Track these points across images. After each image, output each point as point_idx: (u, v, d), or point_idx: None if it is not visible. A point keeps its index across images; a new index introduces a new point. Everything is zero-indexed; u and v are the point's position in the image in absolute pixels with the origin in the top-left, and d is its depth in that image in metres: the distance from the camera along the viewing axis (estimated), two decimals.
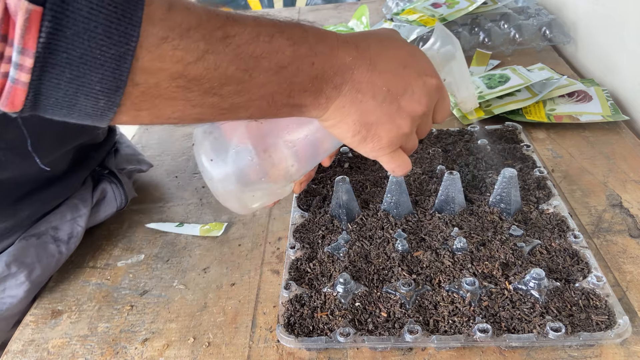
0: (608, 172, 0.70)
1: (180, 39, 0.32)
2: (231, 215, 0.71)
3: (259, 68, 0.37)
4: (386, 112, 0.45)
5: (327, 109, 0.43)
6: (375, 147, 0.47)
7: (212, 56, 0.34)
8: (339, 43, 0.42)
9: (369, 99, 0.44)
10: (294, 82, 0.39)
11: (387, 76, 0.44)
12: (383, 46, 0.45)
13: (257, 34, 0.36)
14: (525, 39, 1.08)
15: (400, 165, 0.50)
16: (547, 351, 0.49)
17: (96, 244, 0.69)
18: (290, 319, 0.52)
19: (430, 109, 0.48)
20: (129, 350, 0.54)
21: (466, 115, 0.85)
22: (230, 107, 0.38)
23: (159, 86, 0.33)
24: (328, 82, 0.42)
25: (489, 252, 0.56)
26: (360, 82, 0.43)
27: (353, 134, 0.45)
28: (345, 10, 1.49)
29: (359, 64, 0.43)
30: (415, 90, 0.45)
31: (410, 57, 0.46)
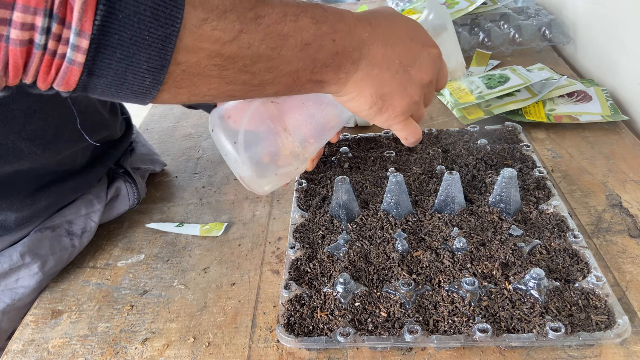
0: (608, 172, 0.70)
1: (218, 20, 0.34)
2: (231, 215, 0.71)
3: (287, 45, 0.39)
4: (399, 82, 0.48)
5: (346, 83, 0.46)
6: (390, 116, 0.50)
7: (245, 35, 0.36)
8: (355, 20, 0.45)
9: (384, 71, 0.47)
10: (317, 58, 0.42)
11: (398, 49, 0.47)
12: (391, 22, 0.49)
13: (284, 14, 0.39)
14: (524, 39, 1.08)
15: (412, 132, 0.53)
16: (546, 351, 0.49)
17: (96, 243, 0.69)
18: (290, 319, 0.52)
19: (434, 77, 0.51)
20: (129, 350, 0.54)
21: (466, 115, 0.85)
22: (260, 83, 0.40)
23: (199, 64, 0.35)
24: (347, 58, 0.44)
25: (489, 252, 0.56)
26: (375, 56, 0.46)
27: (370, 105, 0.48)
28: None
29: (373, 39, 0.46)
30: (422, 61, 0.49)
31: (414, 30, 0.50)
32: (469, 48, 1.08)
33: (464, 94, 0.90)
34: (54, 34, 0.30)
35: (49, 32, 0.29)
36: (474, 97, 0.88)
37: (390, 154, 0.74)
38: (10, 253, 0.61)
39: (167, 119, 1.00)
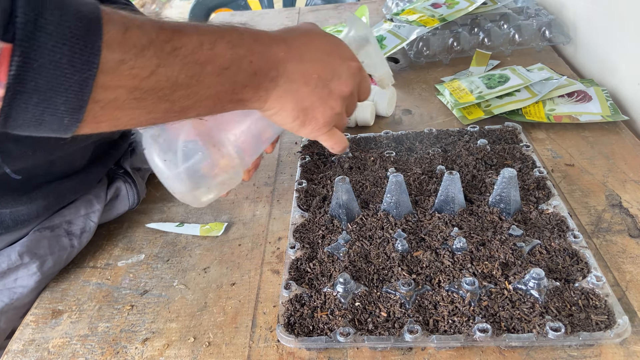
0: (607, 172, 0.70)
1: (136, 59, 0.36)
2: (231, 215, 0.71)
3: (205, 72, 0.41)
4: (319, 96, 0.50)
5: (267, 100, 0.49)
6: (314, 128, 0.53)
7: (163, 69, 0.38)
8: (271, 40, 0.48)
9: (302, 86, 0.49)
10: (236, 80, 0.44)
11: (316, 65, 0.50)
12: (308, 38, 0.51)
13: (201, 42, 0.41)
14: (524, 39, 1.08)
15: (337, 141, 0.56)
16: (546, 351, 0.49)
17: (96, 243, 0.69)
18: (290, 319, 0.52)
19: (355, 89, 0.54)
20: (129, 350, 0.54)
21: (466, 115, 0.85)
22: (181, 109, 0.42)
23: (118, 100, 0.37)
24: (265, 76, 0.47)
25: (489, 252, 0.56)
26: (293, 72, 0.48)
27: (293, 119, 0.51)
28: (345, 10, 1.49)
29: (290, 56, 0.48)
30: (341, 74, 0.51)
31: (333, 45, 0.52)
32: (469, 48, 1.08)
33: (464, 94, 0.90)
34: None
35: None
36: (474, 97, 0.88)
37: (390, 154, 0.74)
38: (8, 253, 0.61)
39: None
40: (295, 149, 0.84)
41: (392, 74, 0.62)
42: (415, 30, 1.04)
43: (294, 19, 1.46)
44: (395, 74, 1.06)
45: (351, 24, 0.59)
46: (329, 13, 1.48)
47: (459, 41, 1.07)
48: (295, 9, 1.57)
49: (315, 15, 1.48)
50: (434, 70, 1.05)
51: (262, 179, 0.78)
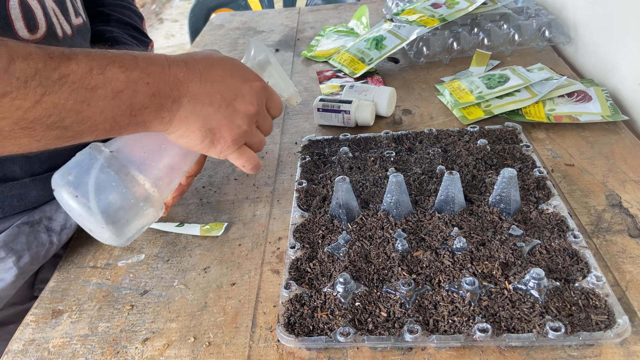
0: (607, 172, 0.71)
1: (18, 91, 0.37)
2: (231, 215, 0.71)
3: (96, 97, 0.42)
4: (224, 115, 0.51)
5: (172, 121, 0.49)
6: (223, 147, 0.53)
7: (49, 97, 0.38)
8: (170, 62, 0.48)
9: (207, 106, 0.50)
10: (133, 102, 0.45)
11: (218, 85, 0.51)
12: (209, 61, 0.52)
13: (90, 68, 0.41)
14: (524, 39, 1.08)
15: (247, 159, 0.56)
16: (546, 351, 0.49)
17: (97, 243, 0.69)
18: (290, 319, 0.52)
19: (262, 107, 0.55)
20: (129, 350, 0.54)
21: (466, 115, 0.85)
22: (75, 134, 0.43)
23: (2, 131, 0.37)
24: (167, 97, 0.47)
25: (489, 252, 0.56)
26: (196, 93, 0.49)
27: (201, 139, 0.51)
28: (345, 10, 1.49)
29: (191, 77, 0.49)
30: (244, 94, 0.53)
31: (233, 67, 0.53)
32: (469, 48, 1.08)
33: (464, 94, 0.90)
34: None
35: None
36: (474, 97, 0.88)
37: (390, 154, 0.74)
38: None
39: None
40: (295, 149, 0.84)
41: (298, 93, 0.65)
42: (415, 30, 1.04)
43: (294, 19, 1.46)
44: (395, 73, 1.06)
45: (250, 48, 0.61)
46: (329, 13, 1.48)
47: (459, 41, 1.07)
48: (295, 9, 1.57)
49: (315, 15, 1.48)
50: (434, 70, 1.05)
51: (262, 179, 0.78)
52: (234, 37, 1.38)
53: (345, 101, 0.86)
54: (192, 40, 1.76)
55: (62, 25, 0.65)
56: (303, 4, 1.75)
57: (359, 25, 1.28)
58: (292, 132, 0.90)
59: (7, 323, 0.68)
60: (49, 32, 0.62)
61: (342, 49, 1.14)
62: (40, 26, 0.61)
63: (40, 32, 0.60)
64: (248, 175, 0.79)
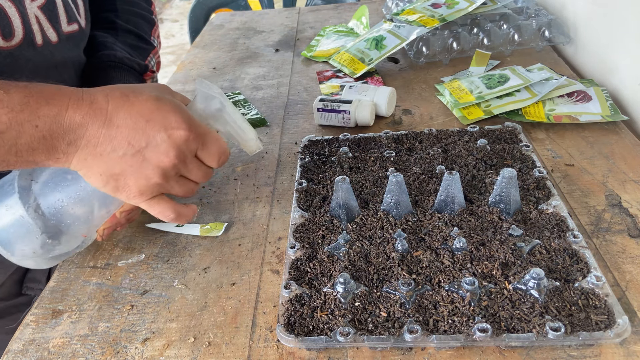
0: (607, 172, 0.71)
1: None
2: (231, 215, 0.71)
3: None
4: (130, 164, 0.48)
5: (69, 162, 0.47)
6: (129, 196, 0.50)
7: None
8: (71, 102, 0.46)
9: (109, 151, 0.47)
10: (18, 143, 0.43)
11: (126, 130, 0.47)
12: (126, 101, 0.48)
13: None
14: (524, 39, 1.08)
15: (160, 212, 0.53)
16: (546, 351, 0.49)
17: (96, 243, 0.69)
18: (290, 319, 0.52)
19: (185, 159, 0.50)
20: (129, 349, 0.54)
21: (466, 115, 0.85)
22: None
23: None
24: (60, 140, 0.45)
25: (489, 252, 0.56)
26: (96, 136, 0.46)
27: (103, 184, 0.49)
28: (345, 10, 1.49)
29: (91, 120, 0.46)
30: (159, 143, 0.48)
31: (156, 111, 0.48)
32: (469, 48, 1.08)
33: (464, 94, 0.90)
34: None
35: None
36: (474, 97, 0.88)
37: (390, 154, 0.74)
38: None
39: None
40: (295, 149, 0.84)
41: (258, 140, 0.58)
42: (415, 31, 1.04)
43: (294, 19, 1.46)
44: (395, 73, 1.06)
45: (199, 92, 0.55)
46: (329, 13, 1.48)
47: (458, 41, 1.07)
48: (295, 9, 1.57)
49: (315, 15, 1.48)
50: (434, 70, 1.05)
51: (262, 179, 0.78)
52: (234, 37, 1.38)
53: (345, 101, 0.86)
54: (192, 40, 1.76)
55: (46, 32, 0.64)
56: (303, 4, 1.75)
57: (359, 25, 1.28)
58: (292, 132, 0.90)
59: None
60: (25, 40, 0.61)
61: (342, 49, 1.14)
62: (17, 33, 0.60)
63: (16, 39, 0.60)
64: (248, 175, 0.79)
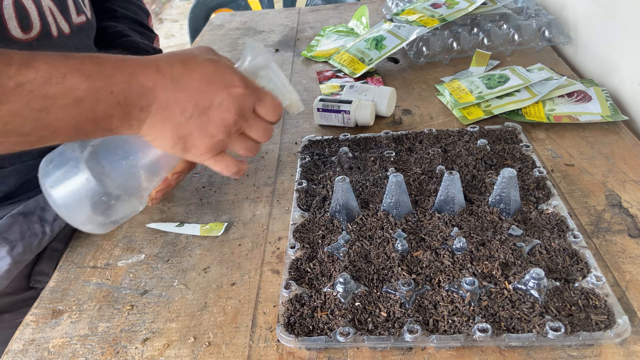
0: (607, 172, 0.71)
1: None
2: (231, 215, 0.71)
3: (55, 105, 0.41)
4: (197, 124, 0.50)
5: (141, 127, 0.48)
6: (196, 155, 0.52)
7: (5, 106, 0.38)
8: (139, 69, 0.47)
9: (177, 115, 0.49)
10: (96, 110, 0.44)
11: (191, 93, 0.49)
12: (186, 66, 0.50)
13: (49, 76, 0.40)
14: (524, 40, 1.08)
15: (225, 167, 0.55)
16: (546, 351, 0.49)
17: (96, 243, 0.69)
18: (290, 319, 0.52)
19: (245, 114, 0.52)
20: (129, 349, 0.54)
21: (466, 115, 0.85)
22: (37, 139, 0.43)
23: None
24: (133, 106, 0.46)
25: (489, 252, 0.56)
26: (165, 101, 0.48)
27: (172, 146, 0.51)
28: (345, 10, 1.49)
29: (160, 85, 0.47)
30: (221, 102, 0.50)
31: (214, 73, 0.51)
32: (468, 48, 1.08)
33: (464, 94, 0.90)
34: None
35: None
36: (474, 97, 0.88)
37: (390, 154, 0.74)
38: None
39: None
40: (295, 149, 0.84)
41: (300, 99, 0.60)
42: (415, 31, 1.04)
43: (294, 19, 1.46)
44: (395, 73, 1.06)
45: (248, 51, 0.58)
46: (329, 13, 1.48)
47: (458, 41, 1.07)
48: (295, 9, 1.57)
49: (315, 15, 1.48)
50: (434, 70, 1.05)
51: (262, 179, 0.78)
52: (234, 37, 1.38)
53: (345, 101, 0.86)
54: (192, 40, 1.76)
55: (59, 24, 0.65)
56: (303, 4, 1.75)
57: (359, 25, 1.28)
58: (292, 132, 0.90)
59: (2, 312, 0.68)
60: (43, 32, 0.61)
61: (342, 49, 1.14)
62: (35, 26, 0.60)
63: (34, 31, 0.60)
64: (248, 175, 0.79)
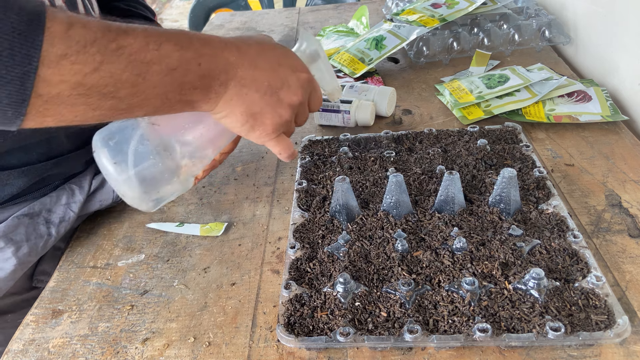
0: (607, 172, 0.71)
1: (77, 54, 0.37)
2: (231, 215, 0.71)
3: (151, 72, 0.42)
4: (268, 103, 0.52)
5: (217, 103, 0.50)
6: (262, 134, 0.54)
7: (107, 66, 0.39)
8: (223, 45, 0.49)
9: (253, 92, 0.50)
10: (184, 81, 0.45)
11: (267, 73, 0.51)
12: (261, 47, 0.53)
13: (147, 42, 0.42)
14: (524, 40, 1.08)
15: (285, 148, 0.57)
16: (546, 351, 0.49)
17: (97, 243, 0.69)
18: (290, 319, 0.52)
19: (305, 99, 0.55)
20: (129, 349, 0.54)
21: (466, 116, 0.85)
22: (128, 107, 0.43)
23: (61, 95, 0.38)
24: (215, 79, 0.48)
25: (489, 252, 0.56)
26: (244, 78, 0.50)
27: (242, 123, 0.52)
28: (345, 10, 1.49)
29: (241, 62, 0.49)
30: (291, 84, 0.53)
31: (284, 56, 0.54)
32: (469, 48, 1.08)
33: (464, 94, 0.90)
34: None
35: None
36: (474, 97, 0.88)
37: (390, 154, 0.74)
38: None
39: None
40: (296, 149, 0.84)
41: (341, 89, 0.65)
42: (415, 31, 1.04)
43: (294, 19, 1.46)
44: (395, 73, 1.06)
45: (303, 39, 0.61)
46: (328, 13, 1.48)
47: (459, 41, 1.07)
48: (295, 9, 1.57)
49: (315, 15, 1.48)
50: (434, 70, 1.05)
51: (262, 179, 0.78)
52: None
53: (345, 101, 0.86)
54: None
55: None
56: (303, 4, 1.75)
57: (359, 25, 1.28)
58: None
59: (5, 312, 0.68)
60: None
61: (342, 49, 1.14)
62: None
63: None
64: (248, 175, 0.79)
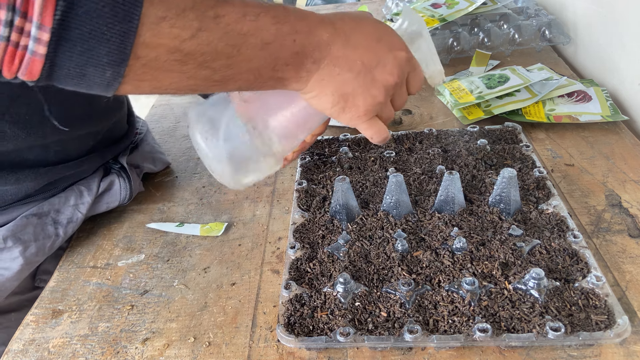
0: (607, 172, 0.71)
1: (177, 18, 0.36)
2: (231, 215, 0.71)
3: (246, 44, 0.41)
4: (361, 83, 0.49)
5: (308, 81, 0.48)
6: (353, 116, 0.51)
7: (204, 33, 0.38)
8: (318, 22, 0.47)
9: (345, 71, 0.48)
10: (278, 56, 0.44)
11: (361, 50, 0.48)
12: (357, 24, 0.50)
13: (244, 13, 0.41)
14: (524, 40, 1.08)
15: (377, 131, 0.54)
16: (546, 351, 0.49)
17: (97, 243, 0.69)
18: (290, 319, 0.52)
19: (402, 80, 0.52)
20: (129, 349, 0.54)
21: (466, 115, 0.85)
22: (221, 79, 0.42)
23: (158, 59, 0.37)
24: (308, 57, 0.46)
25: (489, 252, 0.56)
26: (337, 56, 0.47)
27: (332, 104, 0.49)
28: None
29: (335, 40, 0.47)
30: (387, 63, 0.50)
31: (382, 33, 0.51)
32: (468, 48, 1.08)
33: (464, 94, 0.90)
34: (17, 27, 0.32)
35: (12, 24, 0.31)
36: (474, 97, 0.88)
37: (390, 154, 0.74)
38: None
39: (167, 119, 1.00)
40: None
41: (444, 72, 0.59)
42: None
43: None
44: None
45: (405, 16, 0.57)
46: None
47: (459, 41, 1.07)
48: None
49: None
50: None
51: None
52: None
53: None
54: None
55: None
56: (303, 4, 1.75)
57: None
58: None
59: (8, 311, 0.68)
60: None
61: None
62: None
63: None
64: None
